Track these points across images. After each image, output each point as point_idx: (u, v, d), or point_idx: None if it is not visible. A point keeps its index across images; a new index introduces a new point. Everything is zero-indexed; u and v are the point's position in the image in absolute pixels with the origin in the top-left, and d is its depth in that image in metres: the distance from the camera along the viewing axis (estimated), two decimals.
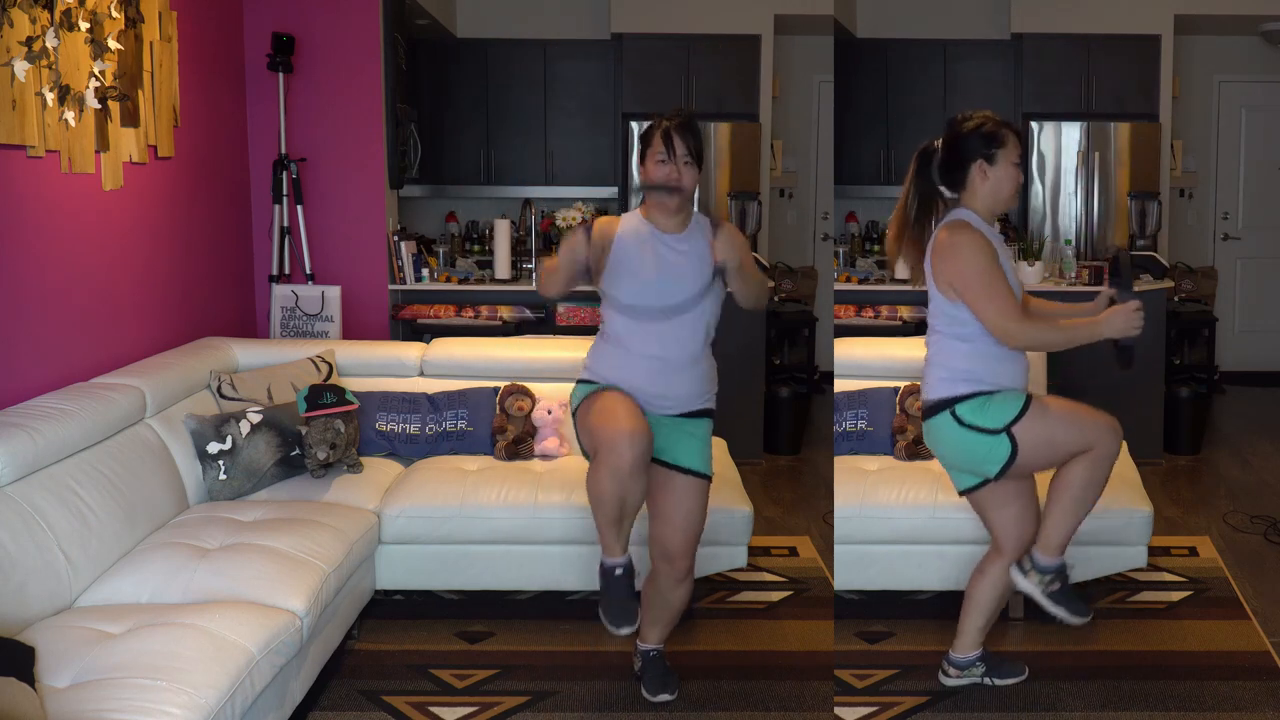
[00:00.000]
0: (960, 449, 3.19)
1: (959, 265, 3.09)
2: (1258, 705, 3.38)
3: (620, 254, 3.26)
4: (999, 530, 3.33)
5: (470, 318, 5.82)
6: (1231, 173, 8.34)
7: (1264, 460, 6.09)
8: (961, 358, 3.16)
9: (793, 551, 4.68)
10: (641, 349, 3.27)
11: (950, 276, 3.11)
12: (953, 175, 3.20)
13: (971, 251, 3.08)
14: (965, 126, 3.18)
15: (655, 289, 3.24)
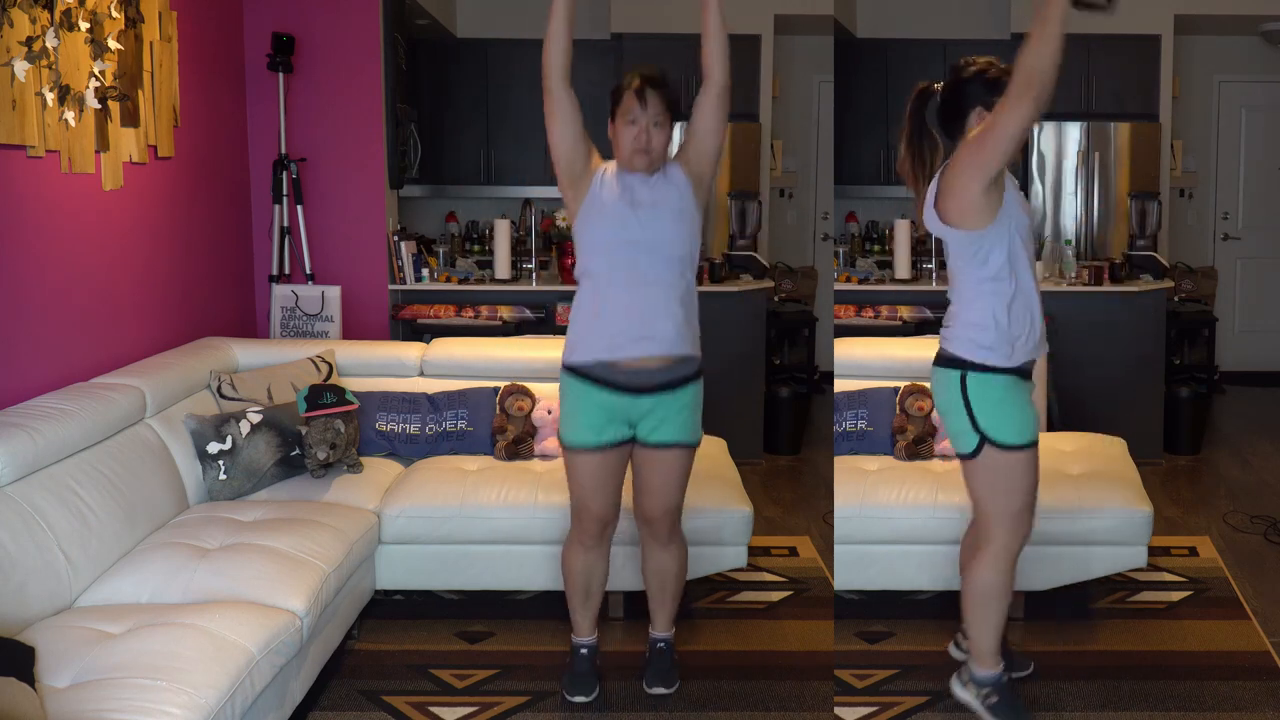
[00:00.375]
0: (949, 409, 3.10)
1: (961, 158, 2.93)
2: (1258, 705, 3.38)
3: (595, 190, 3.20)
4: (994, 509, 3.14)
5: (470, 318, 5.82)
6: (1231, 173, 8.34)
7: (1264, 460, 6.09)
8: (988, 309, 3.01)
9: (793, 551, 4.68)
10: (619, 289, 3.18)
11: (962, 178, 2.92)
12: (951, 122, 3.08)
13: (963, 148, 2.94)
14: (968, 71, 3.06)
15: (629, 224, 3.17)
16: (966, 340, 3.06)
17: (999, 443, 3.04)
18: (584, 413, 3.25)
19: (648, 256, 3.18)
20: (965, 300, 3.09)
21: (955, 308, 3.14)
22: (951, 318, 3.14)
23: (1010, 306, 3.02)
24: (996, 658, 3.21)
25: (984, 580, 3.14)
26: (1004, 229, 2.99)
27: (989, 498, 3.11)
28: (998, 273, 3.01)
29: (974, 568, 3.16)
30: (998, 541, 3.11)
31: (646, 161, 3.17)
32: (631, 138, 3.15)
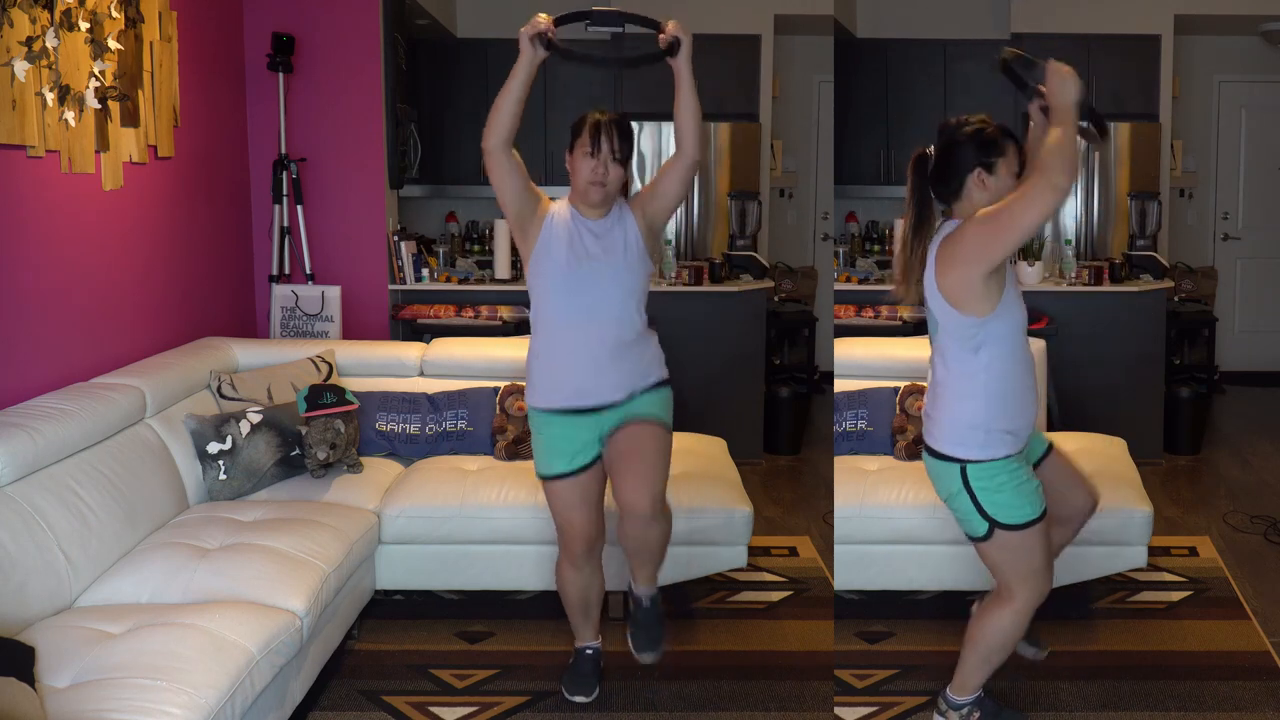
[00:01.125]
0: (953, 497, 3.04)
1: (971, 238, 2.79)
2: (1258, 705, 3.38)
3: (547, 237, 3.23)
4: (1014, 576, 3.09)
5: (470, 318, 5.82)
6: (1231, 173, 8.34)
7: (1264, 460, 6.09)
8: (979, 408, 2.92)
9: (793, 551, 4.68)
10: (569, 343, 3.21)
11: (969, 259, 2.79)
12: (947, 185, 2.93)
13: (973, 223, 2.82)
14: (961, 132, 2.94)
15: (580, 275, 3.19)
16: (959, 438, 2.96)
17: (1011, 525, 2.98)
18: (553, 445, 3.29)
19: (597, 307, 3.21)
20: (953, 390, 2.97)
21: (942, 395, 3.00)
22: (939, 409, 3.01)
23: (1002, 393, 2.93)
24: (977, 690, 3.19)
25: (999, 630, 3.10)
26: (1003, 319, 2.88)
27: (1008, 569, 3.06)
28: (990, 363, 2.90)
29: (991, 615, 3.10)
30: (1020, 600, 3.06)
31: (602, 195, 3.22)
32: (589, 169, 3.20)
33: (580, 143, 3.23)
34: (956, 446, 2.97)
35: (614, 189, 3.24)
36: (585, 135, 3.22)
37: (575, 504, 3.32)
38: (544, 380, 3.29)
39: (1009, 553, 3.03)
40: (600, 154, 3.19)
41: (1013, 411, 2.96)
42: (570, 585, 3.45)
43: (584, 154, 3.21)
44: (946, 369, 2.98)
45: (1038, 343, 4.27)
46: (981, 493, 2.97)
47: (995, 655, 3.13)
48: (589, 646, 3.55)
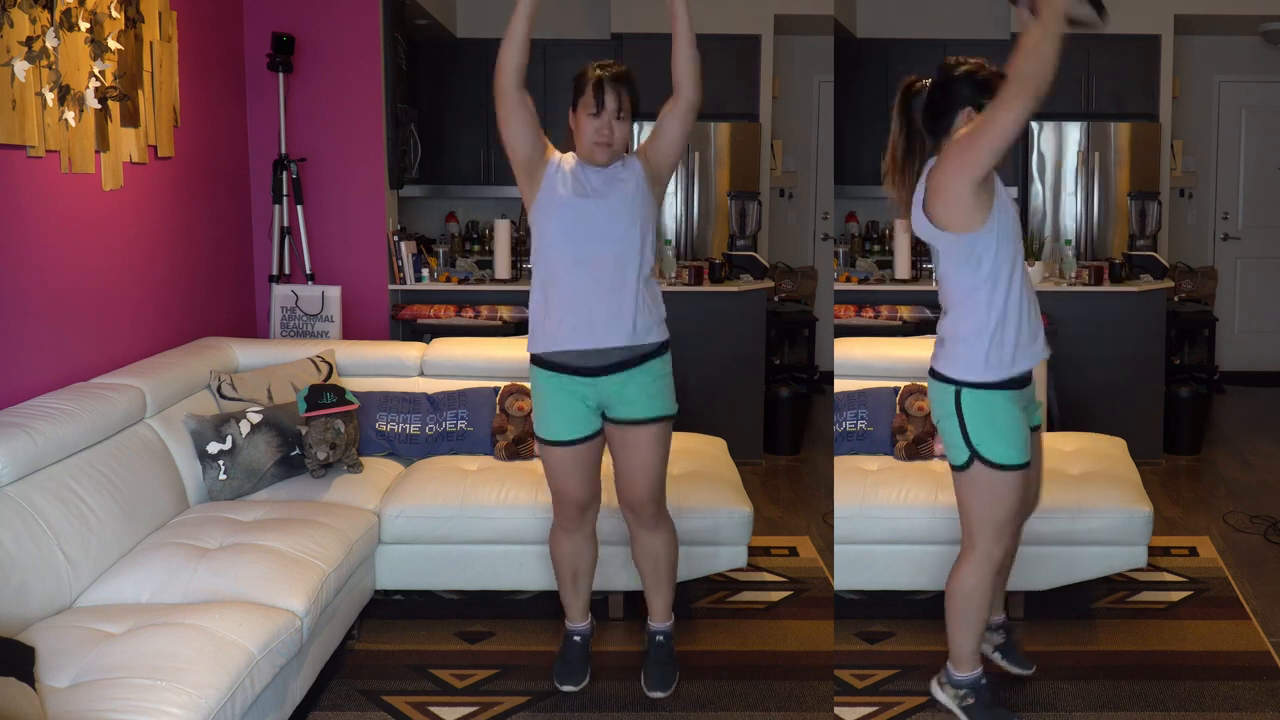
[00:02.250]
0: (943, 419, 3.10)
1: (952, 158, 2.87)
2: (1258, 705, 3.38)
3: (550, 183, 3.21)
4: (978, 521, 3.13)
5: (470, 318, 5.82)
6: (1231, 173, 8.34)
7: (1264, 460, 6.09)
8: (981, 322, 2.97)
9: (793, 551, 4.68)
10: (570, 281, 3.18)
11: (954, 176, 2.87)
12: (938, 120, 3.04)
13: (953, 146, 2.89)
14: (958, 70, 3.02)
15: (582, 210, 3.17)
16: (961, 357, 3.02)
17: (990, 461, 3.04)
18: (554, 406, 3.27)
19: (599, 246, 3.18)
20: (959, 307, 3.04)
21: (948, 319, 3.08)
22: (945, 330, 3.09)
23: (1006, 310, 2.98)
24: (974, 661, 3.23)
25: (965, 585, 3.16)
26: (996, 230, 2.94)
27: (975, 509, 3.11)
28: (992, 275, 2.96)
29: (956, 573, 3.18)
30: (980, 549, 3.12)
31: (608, 154, 3.18)
32: (594, 129, 3.15)
33: (584, 101, 3.16)
34: (954, 367, 3.04)
35: (619, 148, 3.20)
36: (589, 93, 3.14)
37: (572, 470, 3.32)
38: (544, 321, 3.23)
39: (981, 492, 3.07)
40: (604, 112, 3.14)
41: (1011, 333, 2.98)
42: (562, 552, 3.47)
43: (588, 114, 3.15)
44: (951, 290, 3.05)
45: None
46: (970, 419, 3.02)
47: (969, 614, 3.16)
48: (577, 632, 3.56)
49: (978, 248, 2.95)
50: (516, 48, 3.08)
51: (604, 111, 3.14)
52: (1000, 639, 3.53)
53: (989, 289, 2.97)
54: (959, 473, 3.11)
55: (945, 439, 3.13)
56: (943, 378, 3.07)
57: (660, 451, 3.33)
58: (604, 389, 3.24)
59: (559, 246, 3.21)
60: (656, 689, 3.45)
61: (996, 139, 2.78)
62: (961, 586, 3.17)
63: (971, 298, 3.00)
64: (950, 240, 2.97)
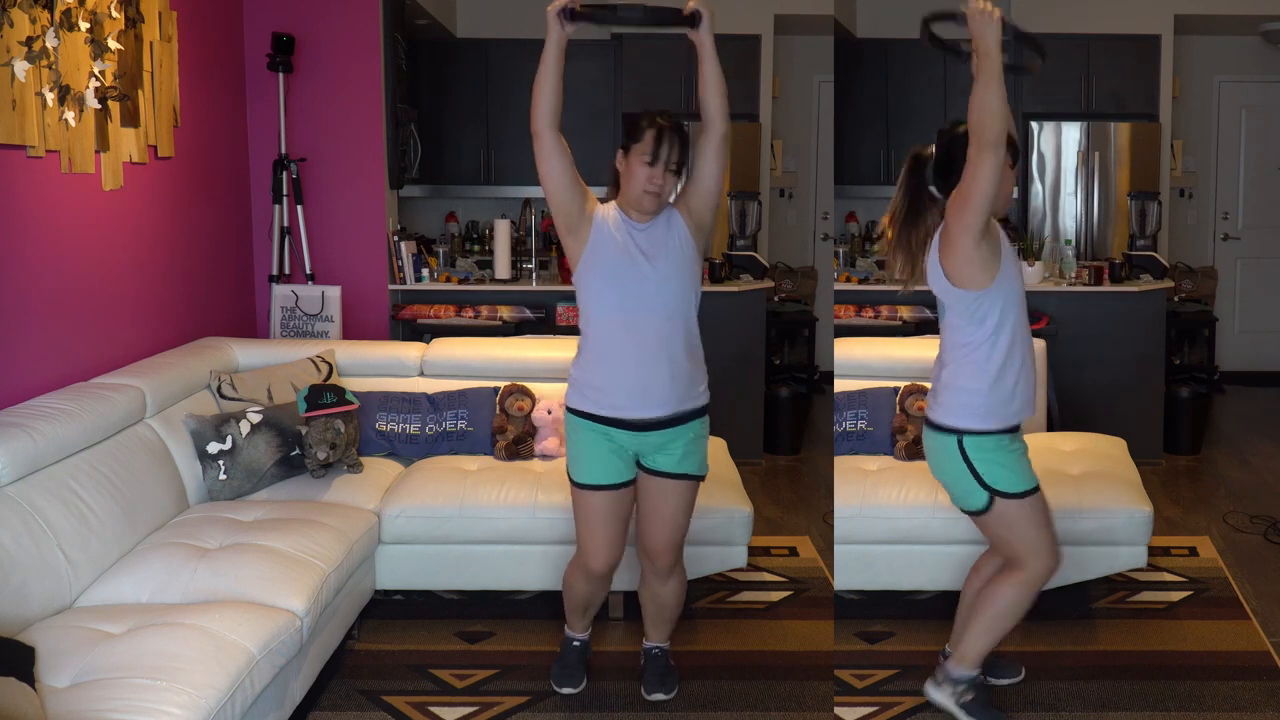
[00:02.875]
0: (950, 472, 3.15)
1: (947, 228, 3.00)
2: (1258, 705, 3.38)
3: (598, 238, 3.16)
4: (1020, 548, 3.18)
5: (470, 318, 5.82)
6: (1231, 173, 8.34)
7: (1264, 460, 6.09)
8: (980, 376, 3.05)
9: (793, 551, 4.68)
10: (620, 350, 3.17)
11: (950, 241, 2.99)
12: (947, 179, 3.11)
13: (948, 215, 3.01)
14: (959, 130, 3.10)
15: (630, 282, 3.15)
16: (959, 407, 3.09)
17: (1010, 493, 3.09)
18: (592, 453, 3.25)
19: (649, 315, 3.16)
20: (959, 362, 3.10)
21: (947, 371, 3.14)
22: (941, 385, 3.15)
23: (1005, 366, 3.06)
24: (978, 665, 3.25)
25: (1007, 598, 3.17)
26: (1002, 290, 3.03)
27: (1014, 541, 3.15)
28: (994, 333, 3.05)
29: (1000, 583, 3.19)
30: (1030, 570, 3.15)
31: (656, 204, 3.15)
32: (646, 178, 3.11)
33: (639, 149, 3.12)
34: (955, 418, 3.09)
35: (666, 200, 3.19)
36: (646, 142, 3.11)
37: (604, 518, 3.28)
38: (590, 382, 3.22)
39: (1011, 525, 3.12)
40: (659, 163, 3.11)
41: (1010, 386, 3.07)
42: (576, 592, 3.47)
43: (642, 161, 3.11)
44: (953, 345, 3.12)
45: (1038, 342, 4.27)
46: (979, 463, 3.08)
47: (1000, 624, 3.19)
48: (576, 639, 3.58)
49: (983, 306, 3.04)
50: (550, 90, 3.08)
51: (659, 162, 3.12)
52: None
53: (989, 346, 3.06)
54: (981, 516, 3.15)
55: (954, 489, 3.17)
56: (943, 428, 3.12)
57: (686, 509, 3.35)
58: (645, 442, 3.24)
59: (607, 311, 3.18)
60: (656, 692, 3.46)
61: (978, 194, 2.89)
62: (1000, 598, 3.18)
63: (973, 354, 3.08)
64: (959, 296, 3.06)
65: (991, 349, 3.06)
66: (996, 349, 3.05)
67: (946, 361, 3.15)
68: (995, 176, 2.86)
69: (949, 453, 3.12)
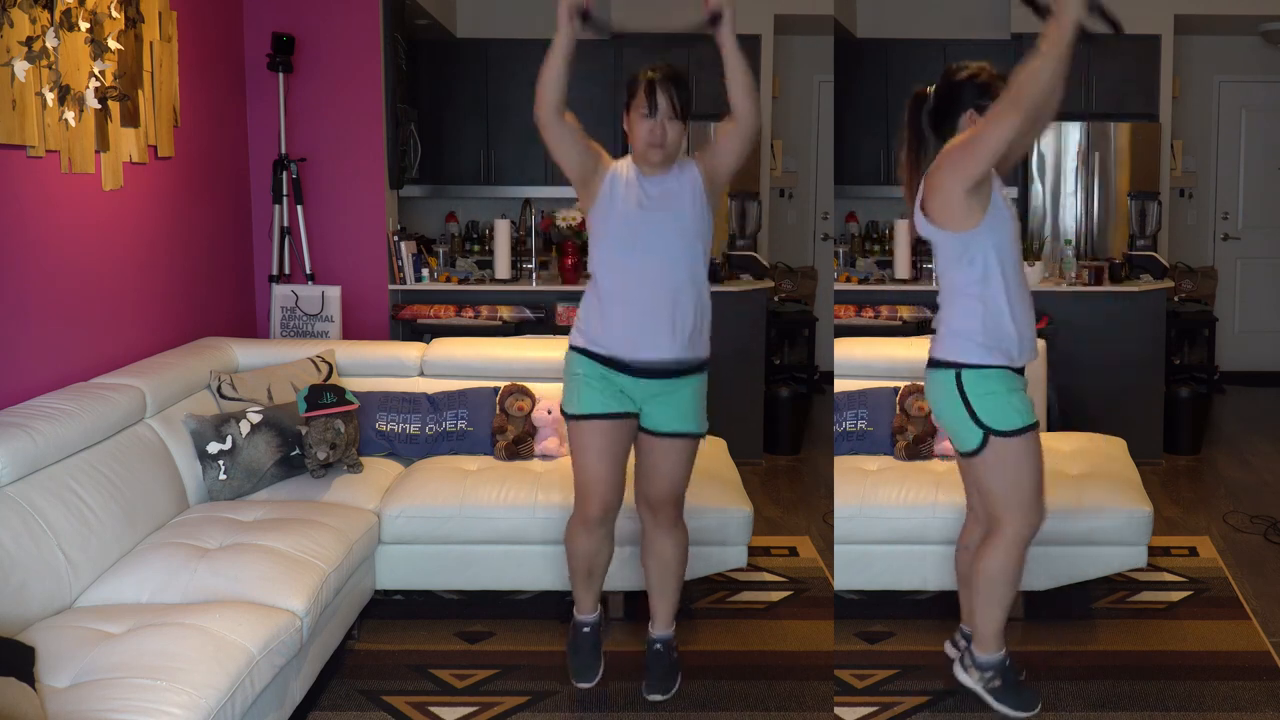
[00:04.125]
0: (947, 409, 3.14)
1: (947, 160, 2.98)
2: (1257, 705, 3.38)
3: (610, 188, 3.22)
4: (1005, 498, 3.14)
5: (470, 318, 5.82)
6: (1231, 173, 8.35)
7: (1264, 460, 6.09)
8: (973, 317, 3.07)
9: (793, 551, 4.68)
10: (626, 295, 3.20)
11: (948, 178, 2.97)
12: (942, 123, 3.13)
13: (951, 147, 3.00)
14: (960, 74, 3.12)
15: (641, 222, 3.18)
16: (958, 342, 3.11)
17: (1004, 430, 3.08)
18: (589, 384, 3.27)
19: (655, 261, 3.20)
20: (954, 305, 3.13)
21: (944, 313, 3.17)
22: (940, 324, 3.18)
23: (1000, 308, 3.06)
24: (1000, 642, 3.25)
25: (995, 565, 3.18)
26: (991, 231, 3.02)
27: (1000, 489, 3.14)
28: (985, 275, 3.05)
29: (985, 553, 3.20)
30: (1011, 528, 3.15)
31: (661, 155, 3.19)
32: (646, 131, 3.17)
33: (636, 104, 3.18)
34: (952, 351, 3.11)
35: (674, 149, 3.21)
36: (640, 95, 3.17)
37: (602, 450, 3.27)
38: (596, 325, 3.25)
39: (1004, 467, 3.10)
40: (658, 113, 3.15)
41: (1004, 328, 3.07)
42: (579, 548, 3.42)
43: (640, 115, 3.17)
44: (947, 286, 3.14)
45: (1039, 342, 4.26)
46: (974, 397, 3.08)
47: (999, 592, 3.19)
48: (587, 623, 3.53)
49: (971, 247, 3.04)
50: (554, 86, 3.13)
51: (657, 112, 3.16)
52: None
53: (981, 287, 3.06)
54: (973, 458, 3.15)
55: (951, 428, 3.16)
56: (942, 363, 3.14)
57: (686, 462, 3.38)
58: (643, 389, 3.26)
59: (616, 258, 3.23)
60: (655, 692, 3.44)
61: (986, 150, 2.89)
62: (990, 567, 3.18)
63: (965, 294, 3.09)
64: (945, 238, 3.07)
65: (984, 290, 3.06)
66: (989, 290, 3.05)
67: (942, 303, 3.18)
68: (1009, 138, 2.86)
69: (947, 389, 3.12)
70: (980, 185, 2.98)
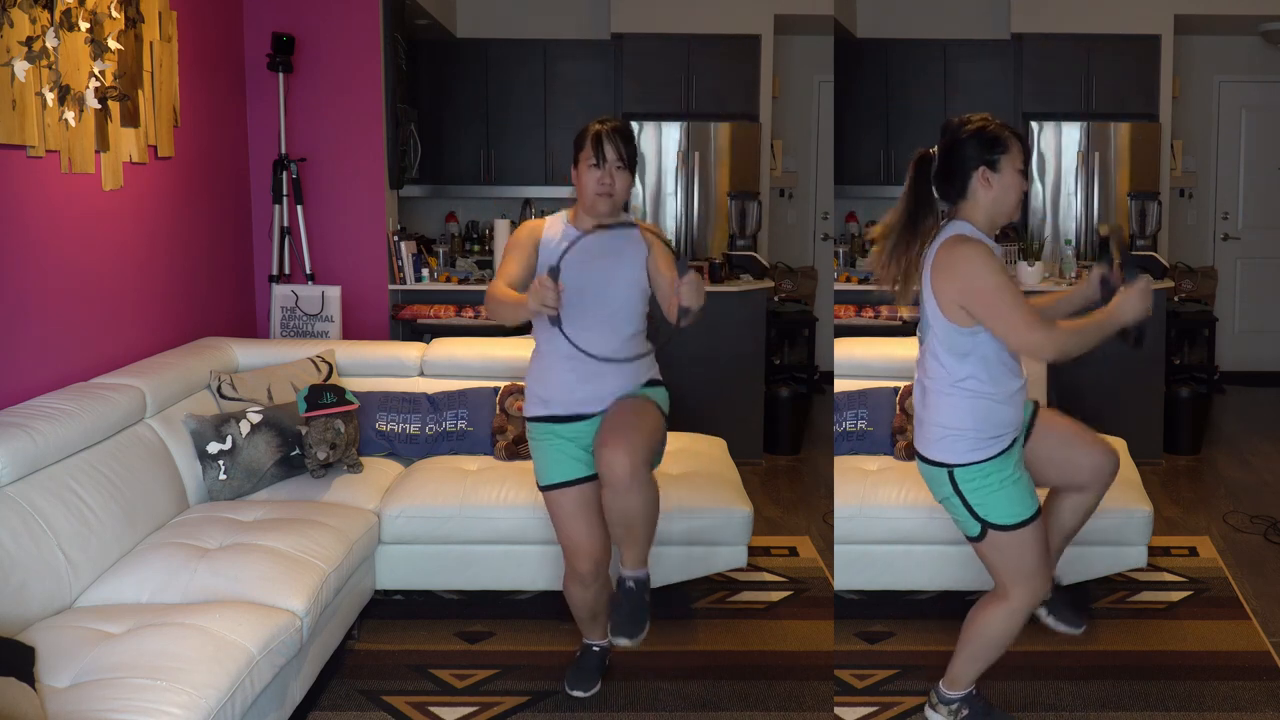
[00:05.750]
0: (946, 503, 3.07)
1: (972, 282, 2.81)
2: (1257, 705, 3.38)
3: (545, 252, 3.24)
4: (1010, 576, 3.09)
5: (470, 318, 5.82)
6: (1231, 173, 8.34)
7: (1264, 460, 6.09)
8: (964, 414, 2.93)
9: (793, 551, 4.68)
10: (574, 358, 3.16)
11: (962, 296, 2.84)
12: (951, 185, 2.95)
13: (984, 265, 2.80)
14: (964, 131, 2.93)
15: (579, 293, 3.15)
16: (947, 444, 2.97)
17: (1003, 525, 2.99)
18: (553, 453, 3.30)
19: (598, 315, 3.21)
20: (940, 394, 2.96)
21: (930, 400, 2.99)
22: (927, 412, 3.01)
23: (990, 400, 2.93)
24: (969, 685, 3.20)
25: (993, 628, 3.11)
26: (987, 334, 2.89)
27: (1003, 568, 3.07)
28: (975, 372, 2.92)
29: (987, 612, 3.11)
30: (1016, 601, 3.07)
31: (609, 204, 3.23)
32: (595, 180, 3.20)
33: (584, 155, 3.22)
34: (943, 452, 2.98)
35: (621, 198, 3.25)
36: (589, 147, 3.21)
37: (576, 514, 3.29)
38: (540, 389, 3.32)
39: (1002, 553, 3.05)
40: (606, 163, 3.19)
41: (997, 418, 2.95)
42: (578, 600, 3.45)
43: (589, 165, 3.21)
44: (934, 371, 2.98)
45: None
46: (971, 494, 2.98)
47: (987, 652, 3.14)
48: (597, 644, 3.56)
49: (969, 343, 2.90)
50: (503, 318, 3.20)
51: (605, 163, 3.20)
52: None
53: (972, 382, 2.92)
54: (976, 543, 3.08)
55: (953, 516, 3.10)
56: (932, 462, 3.03)
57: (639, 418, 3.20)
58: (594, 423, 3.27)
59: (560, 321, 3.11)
60: (621, 634, 3.26)
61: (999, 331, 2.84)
62: (987, 627, 3.11)
63: (955, 389, 2.94)
64: (947, 328, 2.91)
65: (975, 384, 2.92)
66: (980, 384, 2.92)
67: (929, 390, 2.99)
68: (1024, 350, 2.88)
69: (942, 484, 3.03)
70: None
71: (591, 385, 3.26)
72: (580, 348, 3.10)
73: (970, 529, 3.04)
